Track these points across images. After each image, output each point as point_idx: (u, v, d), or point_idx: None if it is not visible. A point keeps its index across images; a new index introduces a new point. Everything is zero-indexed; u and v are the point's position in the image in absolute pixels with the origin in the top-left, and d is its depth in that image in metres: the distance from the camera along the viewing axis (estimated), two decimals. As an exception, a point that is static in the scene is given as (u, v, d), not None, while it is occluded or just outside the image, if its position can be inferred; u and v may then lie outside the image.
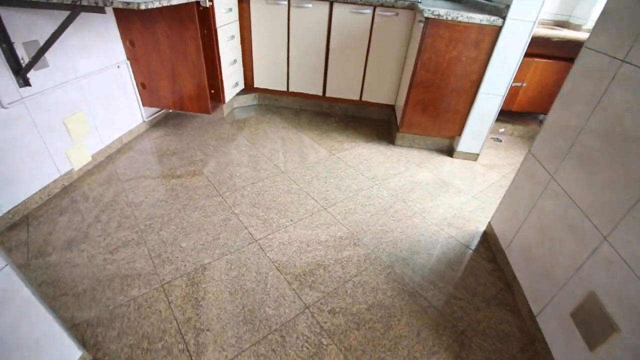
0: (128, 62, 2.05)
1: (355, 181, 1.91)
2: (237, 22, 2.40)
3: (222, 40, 2.18)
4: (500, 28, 1.81)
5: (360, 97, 2.65)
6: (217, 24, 2.07)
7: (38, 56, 1.42)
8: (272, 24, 2.43)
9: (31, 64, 1.42)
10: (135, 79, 2.12)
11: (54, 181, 1.67)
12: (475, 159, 2.25)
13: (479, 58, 1.93)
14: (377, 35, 2.35)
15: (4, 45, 1.34)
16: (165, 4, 1.24)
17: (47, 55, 1.53)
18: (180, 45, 1.94)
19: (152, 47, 1.98)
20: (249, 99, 2.84)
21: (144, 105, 2.24)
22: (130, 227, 1.50)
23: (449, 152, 2.32)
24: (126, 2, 1.11)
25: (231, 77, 2.44)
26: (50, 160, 1.64)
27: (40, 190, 1.60)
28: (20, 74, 1.41)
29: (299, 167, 2.01)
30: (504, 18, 1.78)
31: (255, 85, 2.75)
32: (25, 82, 1.44)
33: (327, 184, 1.87)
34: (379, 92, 2.60)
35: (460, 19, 1.81)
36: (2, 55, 1.34)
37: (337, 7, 2.28)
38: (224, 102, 2.39)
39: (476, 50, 1.90)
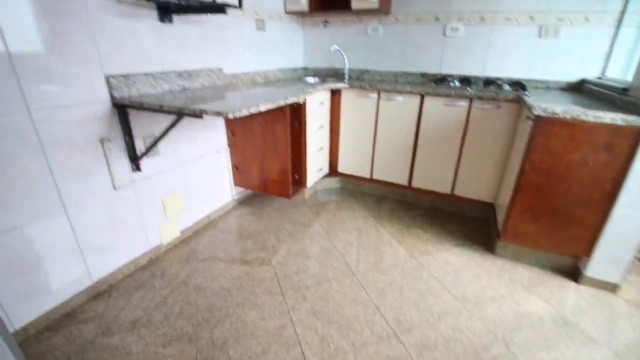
0: (228, 148, 2.28)
1: (439, 300, 1.57)
2: (328, 113, 2.51)
3: (311, 130, 2.27)
4: (644, 129, 1.42)
5: (452, 190, 2.37)
6: (308, 117, 2.18)
7: (152, 146, 1.65)
8: (361, 114, 2.47)
9: (145, 153, 1.65)
10: (231, 161, 2.32)
11: (143, 254, 1.81)
12: (614, 291, 1.66)
13: (613, 164, 1.52)
14: (474, 128, 2.14)
15: (127, 138, 1.60)
16: (253, 111, 1.32)
17: (160, 144, 1.77)
18: (271, 136, 2.07)
19: (248, 136, 2.17)
20: (332, 182, 2.83)
21: (235, 185, 2.41)
22: (189, 316, 1.46)
23: (573, 275, 1.79)
24: (218, 112, 1.20)
25: (316, 163, 2.48)
26: (144, 234, 1.80)
27: (129, 262, 1.74)
28: (135, 161, 1.65)
29: (372, 270, 1.78)
30: (650, 117, 1.40)
31: (339, 170, 2.75)
32: (137, 168, 1.67)
33: (402, 297, 1.58)
34: (475, 186, 2.28)
35: (583, 117, 1.49)
36: (124, 146, 1.60)
37: (428, 99, 2.20)
38: (305, 187, 2.41)
39: (608, 154, 1.52)
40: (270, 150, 2.14)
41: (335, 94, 2.48)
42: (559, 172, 1.63)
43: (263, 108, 1.40)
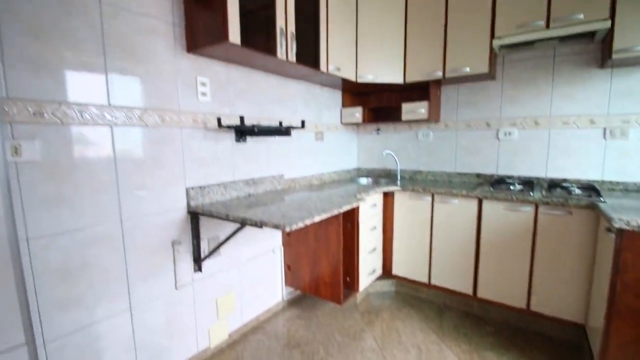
0: (282, 247, 2.35)
1: None
2: (381, 214, 2.52)
3: (363, 232, 2.27)
4: None
5: (528, 305, 2.05)
6: (360, 219, 2.21)
7: (216, 249, 1.78)
8: (415, 216, 2.43)
9: (209, 255, 1.78)
10: (284, 261, 2.37)
11: (190, 358, 1.79)
12: None
13: None
14: (545, 236, 1.95)
15: (194, 241, 1.75)
16: (308, 222, 1.39)
17: (222, 246, 1.90)
18: (324, 238, 2.11)
19: (302, 236, 2.24)
20: (386, 285, 2.67)
21: (286, 285, 2.40)
22: None
23: None
24: (276, 225, 1.29)
25: (368, 265, 2.41)
26: (194, 336, 1.80)
27: (176, 366, 1.72)
28: (198, 262, 1.77)
29: (436, 404, 1.50)
30: None
31: (394, 273, 2.61)
32: (199, 268, 1.78)
33: None
34: (556, 303, 1.96)
35: (682, 232, 1.29)
36: (191, 248, 1.74)
37: (487, 203, 2.11)
38: (357, 290, 2.30)
39: None
40: (322, 252, 2.15)
41: (387, 195, 2.53)
42: (666, 296, 1.34)
43: (317, 219, 1.47)
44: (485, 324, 2.17)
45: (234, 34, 1.46)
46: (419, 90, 2.73)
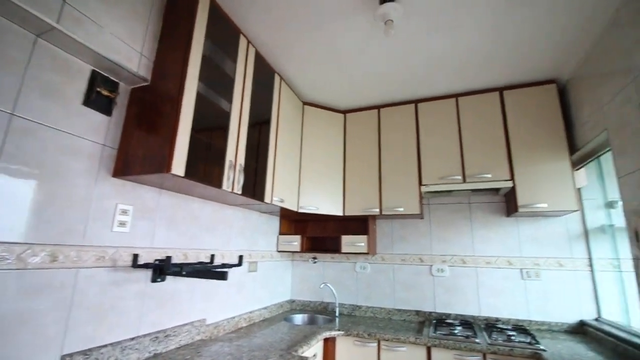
0: None
1: None
2: (321, 365, 2.14)
3: (303, 395, 1.83)
4: None
5: None
6: (300, 378, 1.80)
7: None
8: (360, 367, 2.11)
9: None
10: None
11: None
12: None
13: None
14: (498, 390, 1.81)
15: None
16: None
17: None
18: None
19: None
20: None
21: None
22: None
23: None
24: None
25: None
26: None
27: None
28: None
29: None
30: None
31: None
32: None
33: None
34: None
35: (634, 396, 1.27)
36: None
37: (436, 351, 1.96)
38: None
39: None
40: None
41: (328, 341, 2.20)
42: None
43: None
44: None
45: (179, 165, 1.31)
46: (357, 222, 2.79)
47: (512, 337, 1.95)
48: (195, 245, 1.85)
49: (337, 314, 2.66)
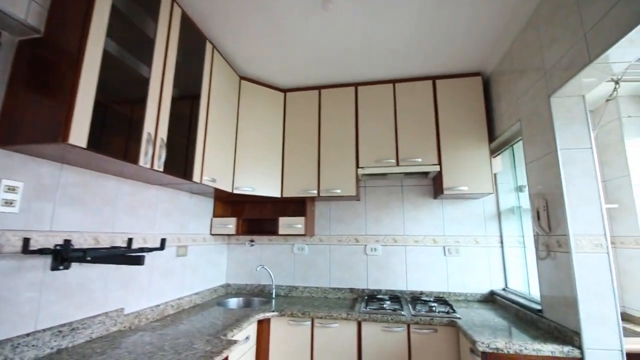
0: None
1: None
2: (254, 348, 2.11)
3: (233, 378, 1.79)
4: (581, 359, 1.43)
5: None
6: (230, 362, 1.75)
7: None
8: (294, 345, 2.13)
9: None
10: None
11: None
12: None
13: (573, 402, 1.41)
14: (418, 354, 1.96)
15: None
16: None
17: None
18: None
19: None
20: None
21: None
22: None
23: None
24: None
25: None
26: None
27: None
28: None
29: None
30: (579, 348, 1.43)
31: None
32: None
33: None
34: None
35: (525, 351, 1.47)
36: None
37: (366, 325, 2.05)
38: None
39: (565, 390, 1.43)
40: None
41: (262, 322, 2.18)
42: (529, 419, 1.43)
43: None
44: None
45: (79, 134, 1.12)
46: (295, 203, 2.76)
47: (434, 308, 2.12)
48: (110, 228, 1.65)
49: (273, 295, 2.64)
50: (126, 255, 1.31)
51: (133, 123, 1.43)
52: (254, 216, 2.79)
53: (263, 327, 2.17)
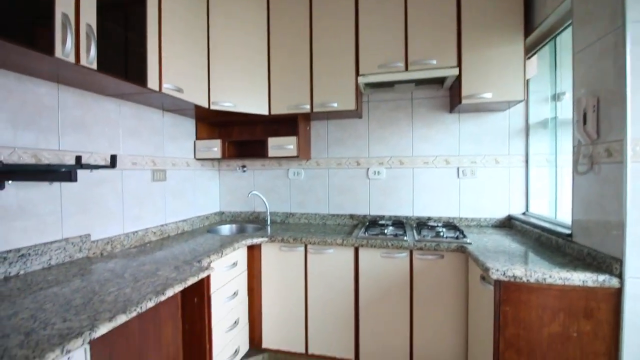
0: (88, 346, 1.51)
1: None
2: (245, 273, 1.99)
3: (218, 303, 1.68)
4: (619, 290, 1.18)
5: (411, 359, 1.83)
6: (213, 289, 1.62)
7: None
8: (287, 272, 1.99)
9: None
10: (91, 369, 1.51)
11: None
12: None
13: (599, 333, 1.20)
14: (421, 284, 1.79)
15: None
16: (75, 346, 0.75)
17: None
18: (153, 325, 1.42)
19: (121, 328, 1.47)
20: (256, 364, 2.08)
21: (94, 406, 1.53)
22: None
23: None
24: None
25: (229, 345, 1.80)
26: None
27: None
28: None
29: None
30: (619, 276, 1.17)
31: (264, 346, 2.06)
32: None
33: None
34: (438, 354, 1.78)
35: (550, 280, 1.22)
36: None
37: (363, 251, 1.86)
38: (211, 390, 1.64)
39: (590, 322, 1.21)
40: (151, 348, 1.44)
41: (254, 248, 2.02)
42: (543, 350, 1.24)
43: (106, 329, 0.84)
44: (371, 397, 1.83)
45: None
46: (288, 124, 2.42)
47: (441, 233, 1.89)
48: (54, 145, 1.39)
49: (268, 222, 2.48)
50: (56, 171, 1.06)
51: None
52: (242, 138, 2.49)
53: (254, 254, 2.03)
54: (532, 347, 1.25)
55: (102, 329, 0.84)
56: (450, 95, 2.22)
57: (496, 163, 2.20)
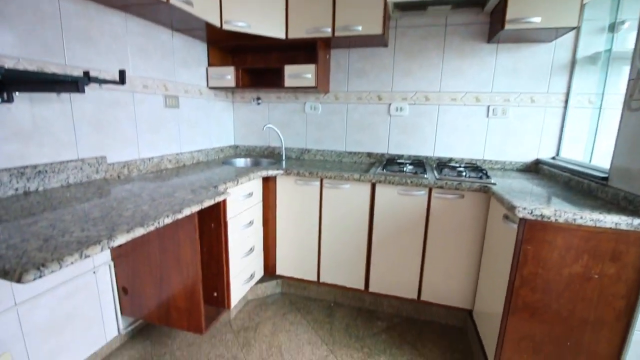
0: (112, 262, 1.59)
1: None
2: (260, 204, 2.00)
3: (235, 230, 1.72)
4: (654, 235, 1.11)
5: (419, 295, 1.89)
6: (229, 215, 1.64)
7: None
8: (301, 204, 1.99)
9: None
10: (117, 282, 1.62)
11: None
12: None
13: (623, 276, 1.17)
14: (437, 222, 1.76)
15: None
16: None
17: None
18: (173, 247, 1.46)
19: (140, 245, 1.53)
20: (270, 287, 2.20)
21: (122, 314, 1.67)
22: None
23: None
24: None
25: (245, 270, 1.88)
26: None
27: None
28: None
29: None
30: (657, 221, 1.09)
31: (278, 272, 2.16)
32: None
33: None
34: (446, 291, 1.84)
35: (580, 221, 1.15)
36: None
37: (380, 187, 1.82)
38: (229, 308, 1.75)
39: (615, 265, 1.17)
40: (172, 266, 1.51)
41: (269, 180, 2.01)
42: (560, 289, 1.23)
43: (124, 239, 0.84)
44: (377, 320, 1.93)
45: None
46: (306, 52, 2.24)
47: (463, 173, 1.81)
48: (60, 59, 1.30)
49: (283, 157, 2.43)
50: (63, 82, 0.99)
51: None
52: (257, 65, 2.33)
53: (269, 186, 2.02)
54: (549, 285, 1.23)
55: (120, 239, 0.84)
56: (491, 20, 1.96)
57: (531, 102, 2.02)
